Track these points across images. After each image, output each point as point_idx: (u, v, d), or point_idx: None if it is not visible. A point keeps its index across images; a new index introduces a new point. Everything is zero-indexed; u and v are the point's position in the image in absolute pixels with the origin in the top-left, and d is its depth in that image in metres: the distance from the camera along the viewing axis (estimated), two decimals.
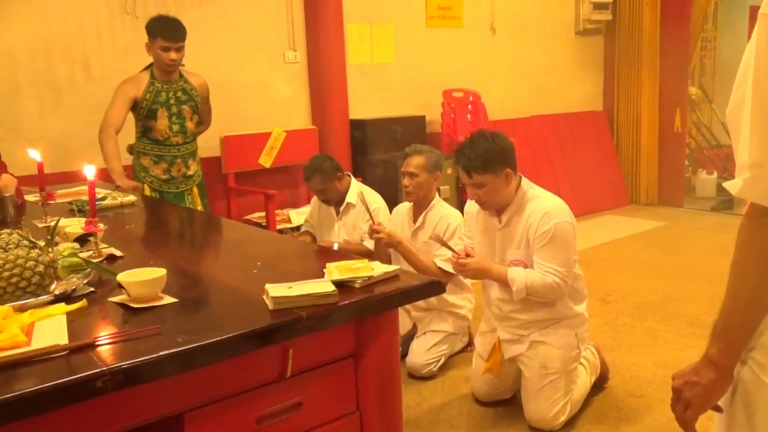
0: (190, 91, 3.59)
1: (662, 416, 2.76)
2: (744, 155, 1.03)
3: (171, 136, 3.54)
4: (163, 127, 3.50)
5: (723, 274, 2.99)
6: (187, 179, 3.67)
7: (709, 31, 8.48)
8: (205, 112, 3.76)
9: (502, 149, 2.59)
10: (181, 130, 3.57)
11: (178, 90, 3.54)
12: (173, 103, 3.52)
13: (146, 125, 3.51)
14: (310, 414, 1.53)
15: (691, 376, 1.16)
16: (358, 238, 3.53)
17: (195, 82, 3.64)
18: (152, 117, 3.47)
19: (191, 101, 3.59)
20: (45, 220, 2.47)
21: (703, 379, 1.14)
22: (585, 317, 2.76)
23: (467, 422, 2.80)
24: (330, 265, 1.68)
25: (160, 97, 3.48)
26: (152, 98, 3.46)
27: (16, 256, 1.54)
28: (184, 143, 3.61)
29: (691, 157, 7.85)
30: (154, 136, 3.52)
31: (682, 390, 1.17)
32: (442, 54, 5.85)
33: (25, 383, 1.13)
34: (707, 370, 1.14)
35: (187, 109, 3.57)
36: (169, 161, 3.57)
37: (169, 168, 3.58)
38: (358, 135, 5.19)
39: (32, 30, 3.98)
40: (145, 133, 3.53)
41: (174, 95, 3.52)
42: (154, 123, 3.49)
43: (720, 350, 1.13)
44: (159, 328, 1.36)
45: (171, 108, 3.51)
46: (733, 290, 1.11)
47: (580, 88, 7.12)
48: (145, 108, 3.45)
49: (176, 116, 3.53)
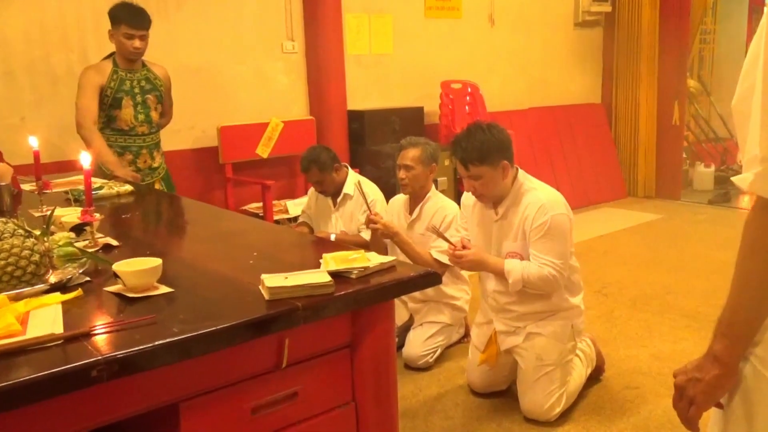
0: (153, 80, 3.52)
1: (657, 408, 2.77)
2: (754, 148, 1.01)
3: (136, 126, 3.46)
4: (128, 117, 3.42)
5: (720, 267, 3.02)
6: (153, 171, 3.59)
7: (708, 24, 8.46)
8: (167, 104, 3.69)
9: (499, 141, 2.58)
10: (147, 120, 3.49)
11: (141, 79, 3.47)
12: (138, 92, 3.44)
13: (110, 114, 3.41)
14: (305, 404, 1.53)
15: (694, 373, 1.14)
16: (355, 229, 3.53)
17: (158, 72, 3.57)
18: (117, 106, 3.39)
19: (155, 90, 3.52)
20: (41, 210, 2.46)
21: (707, 376, 1.12)
22: (581, 309, 2.77)
23: (463, 413, 2.81)
24: (326, 256, 1.68)
25: (125, 86, 3.40)
26: (116, 86, 3.38)
27: (12, 245, 1.53)
28: (150, 133, 3.54)
29: (689, 150, 7.85)
30: (119, 126, 3.43)
31: (686, 387, 1.15)
32: (440, 45, 5.84)
33: (20, 372, 1.13)
34: (711, 367, 1.11)
35: (151, 99, 3.50)
36: (135, 152, 3.49)
37: (135, 159, 3.50)
38: (356, 126, 5.18)
39: (28, 18, 3.96)
40: (109, 124, 3.43)
41: (138, 84, 3.45)
42: (119, 112, 3.40)
43: (725, 346, 1.11)
44: (154, 317, 1.36)
45: (136, 97, 3.44)
46: (739, 286, 1.09)
47: (578, 81, 7.10)
48: (109, 96, 3.37)
49: (141, 105, 3.46)
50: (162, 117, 3.66)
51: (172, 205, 3.01)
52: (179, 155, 4.49)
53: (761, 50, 1.02)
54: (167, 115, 3.76)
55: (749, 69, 1.06)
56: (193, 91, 4.51)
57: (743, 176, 1.03)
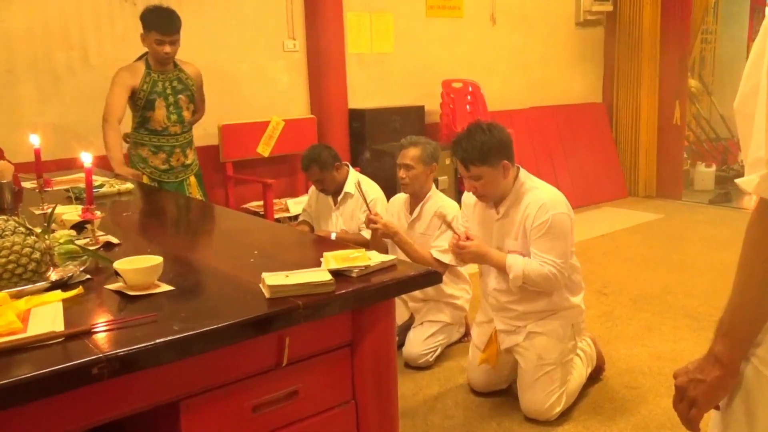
0: (185, 80, 3.58)
1: (657, 408, 2.77)
2: (759, 150, 1.01)
3: (169, 126, 3.53)
4: (161, 117, 3.50)
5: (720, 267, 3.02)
6: (186, 168, 3.68)
7: (709, 24, 8.45)
8: (199, 101, 3.75)
9: (500, 141, 2.58)
10: (179, 120, 3.56)
11: (173, 79, 3.53)
12: (170, 93, 3.51)
13: (144, 115, 3.49)
14: (306, 403, 1.53)
15: (695, 374, 1.13)
16: (356, 228, 3.53)
17: (190, 71, 3.63)
18: (150, 107, 3.46)
19: (187, 90, 3.58)
20: (42, 207, 2.46)
21: (708, 377, 1.11)
22: (582, 309, 2.76)
23: (463, 412, 2.81)
24: (327, 255, 1.68)
25: (157, 87, 3.47)
26: (149, 88, 3.45)
27: (13, 243, 1.53)
28: (182, 133, 3.61)
29: (690, 150, 7.85)
30: (152, 126, 3.51)
31: (687, 388, 1.14)
32: (441, 44, 5.83)
33: (21, 370, 1.13)
34: (713, 368, 1.11)
35: (183, 99, 3.56)
36: (168, 151, 3.57)
37: (168, 158, 3.58)
38: (357, 125, 5.18)
39: (30, 16, 3.96)
40: (143, 124, 3.52)
41: (170, 85, 3.51)
42: (152, 113, 3.48)
43: (726, 347, 1.10)
44: (155, 315, 1.36)
45: (168, 98, 3.50)
46: (741, 287, 1.08)
47: (579, 80, 7.10)
48: (142, 98, 3.44)
49: (173, 106, 3.52)
50: (194, 114, 3.72)
51: (173, 203, 3.01)
52: None
53: (766, 51, 1.02)
54: (199, 111, 3.83)
55: (752, 70, 1.05)
56: None
57: (748, 179, 1.03)
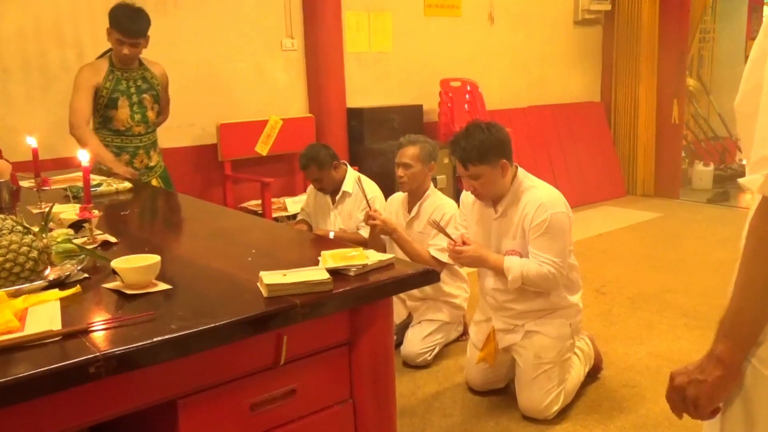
0: (150, 79, 3.49)
1: (655, 406, 2.77)
2: (763, 149, 1.00)
3: (133, 126, 3.43)
4: (125, 117, 3.39)
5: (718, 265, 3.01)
6: (149, 170, 3.57)
7: (708, 23, 8.46)
8: (164, 103, 3.65)
9: (498, 140, 2.58)
10: (143, 120, 3.46)
11: (138, 78, 3.44)
12: (134, 92, 3.41)
13: (106, 115, 3.38)
14: (303, 401, 1.53)
15: (696, 374, 1.12)
16: (354, 227, 3.53)
17: (155, 71, 3.53)
18: (113, 106, 3.36)
19: (152, 90, 3.48)
20: (40, 206, 2.46)
21: (709, 377, 1.10)
22: (580, 308, 2.77)
23: (461, 411, 2.81)
24: (325, 253, 1.68)
25: (120, 86, 3.37)
26: (112, 86, 3.35)
27: (10, 242, 1.53)
28: (146, 133, 3.51)
29: (688, 149, 7.86)
30: (115, 127, 3.40)
31: (686, 388, 1.13)
32: (440, 43, 5.83)
33: (18, 369, 1.13)
34: (714, 368, 1.10)
35: (148, 98, 3.46)
36: (131, 152, 3.46)
37: (132, 160, 3.47)
38: (355, 124, 5.18)
39: (23, 14, 3.94)
40: (105, 124, 3.41)
41: (134, 84, 3.42)
42: (115, 112, 3.37)
43: (728, 347, 1.09)
44: (153, 314, 1.36)
45: (132, 97, 3.40)
46: (743, 287, 1.07)
47: (578, 79, 7.10)
48: (105, 97, 3.34)
49: (137, 105, 3.42)
50: (159, 115, 3.63)
51: (171, 202, 3.01)
52: (178, 152, 4.49)
53: (767, 50, 1.02)
54: (164, 113, 3.74)
55: (753, 69, 1.04)
56: (192, 88, 4.51)
57: (752, 178, 1.02)
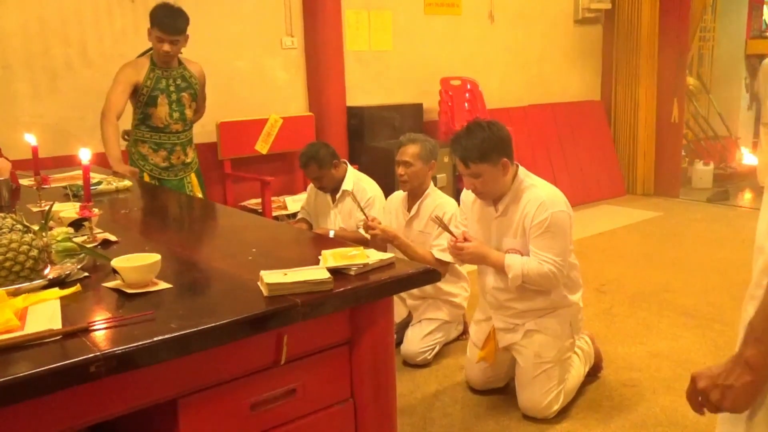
0: (189, 78, 3.55)
1: (655, 405, 2.77)
2: None
3: (171, 124, 3.51)
4: (164, 115, 3.47)
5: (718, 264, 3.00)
6: (186, 167, 3.65)
7: (708, 22, 8.45)
8: (201, 101, 3.73)
9: (499, 139, 2.58)
10: (181, 118, 3.54)
11: (177, 77, 3.50)
12: (173, 90, 3.48)
13: (146, 112, 3.46)
14: (304, 400, 1.53)
15: (722, 379, 1.10)
16: (354, 226, 3.53)
17: (194, 70, 3.60)
18: (152, 104, 3.44)
19: (190, 89, 3.55)
20: (39, 205, 2.45)
21: (738, 382, 1.08)
22: (580, 307, 2.77)
23: (461, 410, 2.81)
24: (325, 252, 1.68)
25: (160, 84, 3.44)
26: (153, 85, 3.42)
27: (10, 240, 1.53)
28: (183, 131, 3.59)
29: (688, 148, 7.86)
30: (154, 124, 3.48)
31: (710, 393, 1.11)
32: (440, 42, 5.83)
33: (18, 368, 1.13)
34: (743, 373, 1.08)
35: (186, 97, 3.53)
36: (169, 149, 3.54)
37: (169, 156, 3.55)
38: (355, 122, 5.17)
39: (27, 12, 3.94)
40: (144, 121, 3.49)
41: (174, 82, 3.48)
42: (154, 110, 3.45)
43: (760, 351, 1.07)
44: (153, 313, 1.36)
45: (171, 95, 3.47)
46: None
47: (578, 78, 7.10)
48: (145, 95, 3.41)
49: (176, 103, 3.50)
50: (195, 113, 3.70)
51: (171, 201, 3.01)
52: None
53: None
54: (200, 110, 3.81)
55: None
56: None
57: None
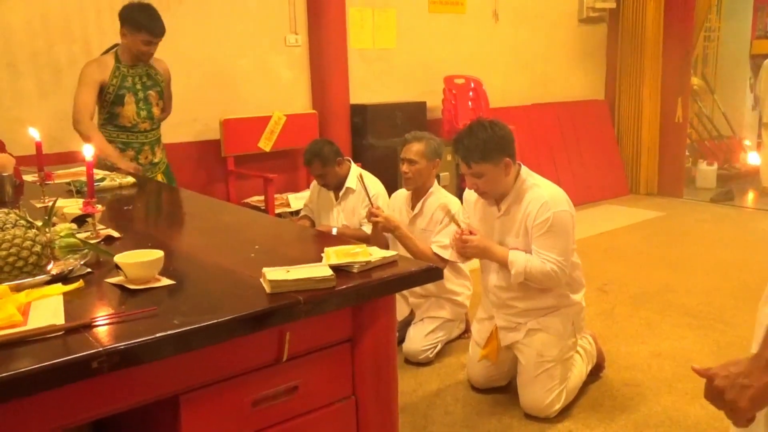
0: (155, 75, 3.50)
1: (656, 405, 2.77)
2: None
3: (139, 123, 3.44)
4: (131, 114, 3.40)
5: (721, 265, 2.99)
6: (153, 167, 3.58)
7: (712, 21, 8.44)
8: (167, 98, 3.66)
9: (501, 138, 2.57)
10: (149, 116, 3.48)
11: (143, 75, 3.45)
12: (140, 89, 3.42)
13: (112, 111, 3.39)
14: (305, 398, 1.53)
15: (741, 379, 1.10)
16: (357, 223, 3.53)
17: (159, 67, 3.54)
18: (119, 103, 3.37)
19: (157, 86, 3.50)
20: (43, 201, 2.46)
21: (757, 383, 1.08)
22: (582, 306, 2.76)
23: (463, 409, 2.81)
24: (328, 250, 1.67)
25: (126, 82, 3.38)
26: (119, 83, 3.36)
27: (14, 236, 1.53)
28: (151, 130, 3.53)
29: (692, 148, 7.85)
30: (121, 123, 3.41)
31: (726, 392, 1.11)
32: (444, 40, 5.82)
33: (20, 363, 1.13)
34: (763, 374, 1.08)
35: (153, 95, 3.48)
36: (137, 149, 3.48)
37: (137, 156, 3.49)
38: (359, 120, 5.17)
39: (31, 9, 3.95)
40: (111, 120, 3.41)
41: (140, 80, 3.43)
42: (121, 109, 3.38)
43: None
44: (156, 309, 1.36)
45: (138, 93, 3.41)
46: None
47: (582, 77, 7.09)
48: (111, 93, 3.35)
49: (143, 101, 3.43)
50: (162, 112, 3.64)
51: (174, 197, 3.01)
52: (181, 148, 4.49)
53: None
54: (167, 109, 3.74)
55: None
56: (195, 84, 4.51)
57: None
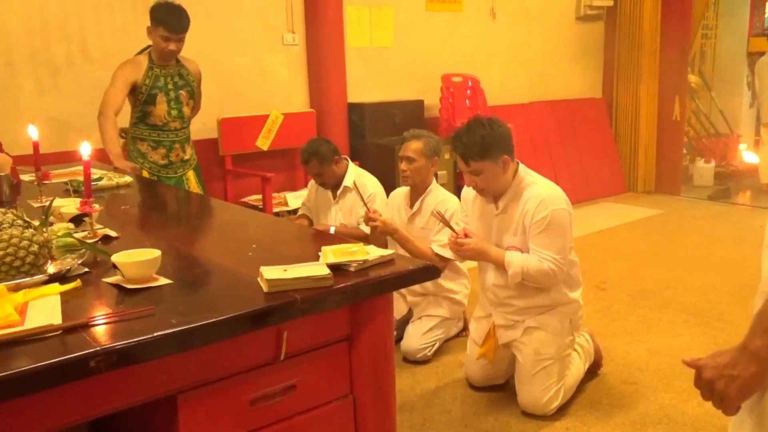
0: (186, 76, 3.56)
1: (654, 403, 2.77)
2: None
3: (170, 122, 3.51)
4: (162, 113, 3.47)
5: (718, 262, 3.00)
6: (184, 164, 3.66)
7: (710, 19, 8.43)
8: (197, 98, 3.72)
9: (500, 136, 2.58)
10: (179, 115, 3.54)
11: (175, 75, 3.51)
12: (171, 88, 3.49)
13: (144, 110, 3.47)
14: (303, 396, 1.54)
15: (728, 369, 1.11)
16: (355, 222, 3.53)
17: (191, 67, 3.60)
18: (151, 102, 3.44)
19: (188, 86, 3.56)
20: (40, 200, 2.46)
21: (744, 373, 1.09)
22: (580, 304, 2.77)
23: (461, 407, 2.82)
24: (325, 249, 1.68)
25: (159, 82, 3.45)
26: (151, 83, 3.43)
27: (11, 236, 1.53)
28: (182, 128, 3.59)
29: (690, 146, 7.85)
30: (153, 122, 3.49)
31: (715, 383, 1.12)
32: (441, 38, 5.82)
33: (18, 362, 1.13)
34: (749, 364, 1.09)
35: (184, 94, 3.54)
36: (167, 146, 3.55)
37: (168, 153, 3.56)
38: (356, 119, 5.17)
39: (28, 8, 3.94)
40: (143, 119, 3.49)
41: (172, 80, 3.49)
42: (153, 108, 3.45)
43: (766, 343, 1.08)
44: (153, 309, 1.36)
45: (169, 93, 3.48)
46: None
47: (579, 75, 7.09)
48: (144, 93, 3.42)
49: (174, 101, 3.50)
50: (192, 111, 3.70)
51: (171, 197, 3.01)
52: None
53: None
54: (197, 108, 3.80)
55: None
56: None
57: None
